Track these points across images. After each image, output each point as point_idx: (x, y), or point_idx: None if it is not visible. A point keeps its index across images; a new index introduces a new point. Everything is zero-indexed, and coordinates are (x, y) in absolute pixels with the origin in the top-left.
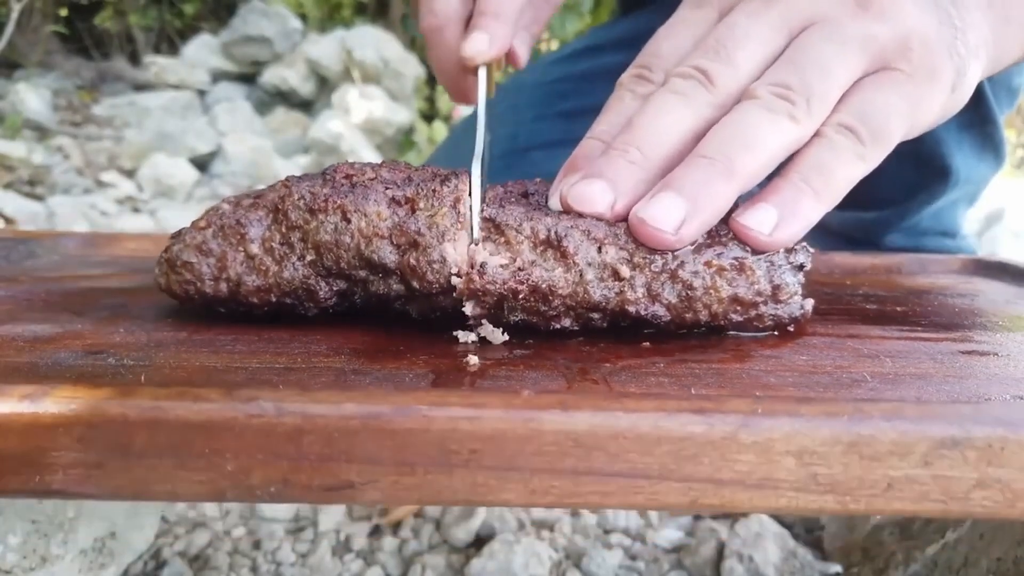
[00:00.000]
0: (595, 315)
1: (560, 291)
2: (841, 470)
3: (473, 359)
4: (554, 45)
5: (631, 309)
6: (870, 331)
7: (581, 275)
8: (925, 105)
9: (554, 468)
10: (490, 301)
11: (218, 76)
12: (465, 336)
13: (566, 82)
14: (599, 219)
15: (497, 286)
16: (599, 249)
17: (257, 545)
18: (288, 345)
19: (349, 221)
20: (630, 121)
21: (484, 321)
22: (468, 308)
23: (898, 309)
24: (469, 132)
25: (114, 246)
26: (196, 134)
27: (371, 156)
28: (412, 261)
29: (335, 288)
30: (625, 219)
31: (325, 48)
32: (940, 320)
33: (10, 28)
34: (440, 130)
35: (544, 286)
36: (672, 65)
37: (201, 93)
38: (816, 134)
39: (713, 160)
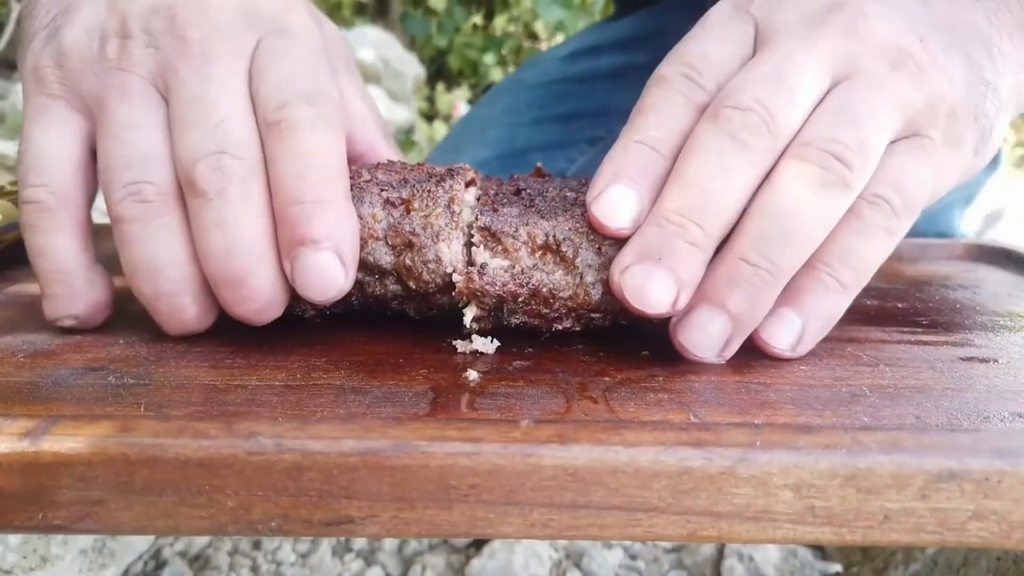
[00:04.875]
0: (596, 315)
1: (561, 294)
2: (838, 503)
3: (472, 374)
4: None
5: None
6: (870, 333)
7: (581, 277)
8: (947, 175)
9: (553, 502)
10: (490, 303)
11: None
12: (463, 346)
13: (565, 83)
14: None
15: (497, 288)
16: (598, 250)
17: (257, 545)
18: (288, 357)
19: None
20: (686, 177)
21: (474, 336)
22: (468, 311)
23: (899, 305)
24: (468, 131)
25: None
26: None
27: None
28: (408, 262)
29: None
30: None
31: None
32: (940, 319)
33: (10, 28)
34: (440, 129)
35: (545, 290)
36: (720, 76)
37: None
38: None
39: (757, 268)
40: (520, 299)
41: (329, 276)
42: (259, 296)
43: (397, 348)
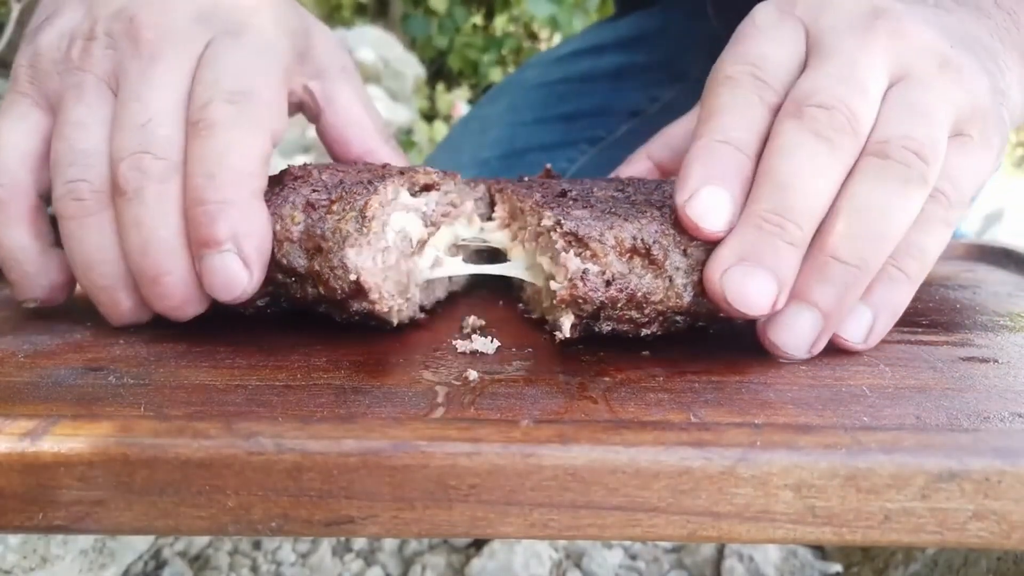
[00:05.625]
0: (680, 318)
1: (653, 298)
2: (838, 503)
3: (472, 374)
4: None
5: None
6: None
7: (671, 280)
8: (985, 172)
9: (553, 502)
10: (589, 309)
11: None
12: (463, 346)
13: (566, 83)
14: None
15: (599, 294)
16: (684, 252)
17: (257, 545)
18: (288, 358)
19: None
20: (778, 177)
21: (474, 336)
22: (565, 319)
23: None
24: (468, 131)
25: None
26: None
27: None
28: (316, 267)
29: (263, 290)
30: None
31: None
32: (941, 319)
33: (10, 28)
34: (440, 129)
35: (640, 294)
36: (784, 76)
37: None
38: None
39: (848, 265)
40: (619, 304)
41: (232, 278)
42: (173, 294)
43: (397, 348)
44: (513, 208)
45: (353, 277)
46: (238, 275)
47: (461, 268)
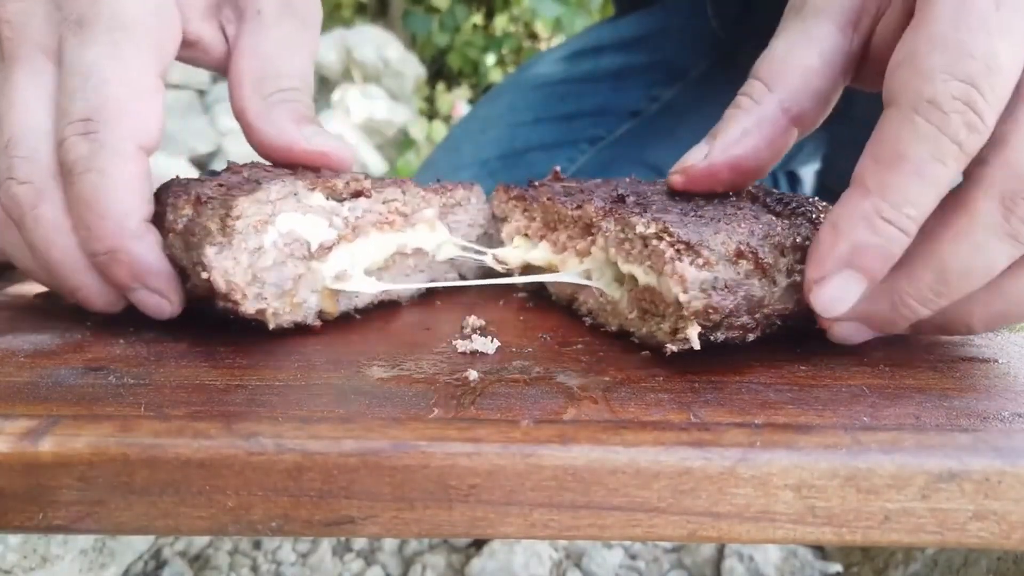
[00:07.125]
0: (778, 321)
1: (763, 302)
2: (839, 503)
3: (472, 374)
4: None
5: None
6: None
7: (774, 283)
8: None
9: (553, 502)
10: (716, 319)
11: (218, 76)
12: (463, 346)
13: (566, 83)
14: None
15: (729, 302)
16: (781, 253)
17: (257, 545)
18: (288, 357)
19: (166, 214)
20: (948, 273)
21: (475, 336)
22: (692, 329)
23: None
24: (469, 131)
25: None
26: (196, 134)
27: (371, 156)
28: (187, 262)
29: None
30: None
31: (325, 48)
32: None
33: None
34: (440, 129)
35: (754, 301)
36: (1006, 92)
37: (201, 93)
38: None
39: (971, 330)
40: (741, 311)
41: (153, 309)
42: (93, 301)
43: (397, 347)
44: (552, 217)
45: (205, 275)
46: (157, 305)
47: (369, 287)
